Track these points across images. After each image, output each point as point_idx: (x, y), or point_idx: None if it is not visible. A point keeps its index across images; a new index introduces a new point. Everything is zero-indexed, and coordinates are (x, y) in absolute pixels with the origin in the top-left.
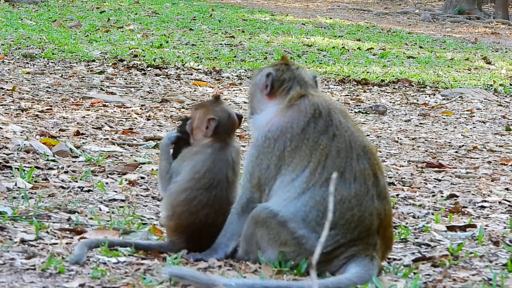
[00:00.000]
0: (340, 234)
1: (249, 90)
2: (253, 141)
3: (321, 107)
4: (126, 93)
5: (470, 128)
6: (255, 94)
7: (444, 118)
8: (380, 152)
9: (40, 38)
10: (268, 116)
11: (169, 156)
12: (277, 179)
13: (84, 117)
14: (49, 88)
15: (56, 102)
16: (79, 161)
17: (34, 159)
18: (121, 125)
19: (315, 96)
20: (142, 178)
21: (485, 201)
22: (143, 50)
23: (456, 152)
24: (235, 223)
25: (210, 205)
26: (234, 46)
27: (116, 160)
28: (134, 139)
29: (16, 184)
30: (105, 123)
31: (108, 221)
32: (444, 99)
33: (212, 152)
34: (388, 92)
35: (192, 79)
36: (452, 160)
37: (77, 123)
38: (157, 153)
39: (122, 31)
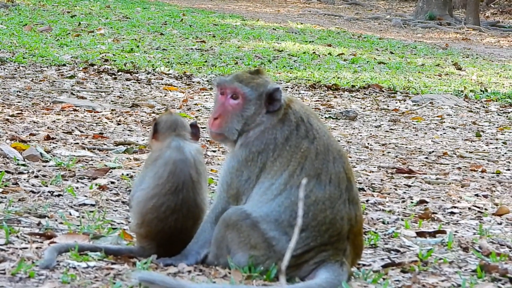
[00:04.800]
0: (311, 237)
1: (245, 102)
2: (234, 152)
3: (303, 115)
4: (96, 97)
5: (440, 134)
6: (253, 108)
7: (414, 124)
8: (351, 157)
9: (11, 42)
10: (261, 128)
11: None
12: (255, 186)
13: (54, 121)
14: (20, 92)
15: (27, 107)
16: (49, 166)
17: (4, 163)
18: (91, 130)
19: (295, 103)
20: (112, 183)
21: (455, 207)
22: (113, 55)
23: (426, 158)
24: (207, 232)
25: (179, 210)
26: (205, 51)
27: (86, 164)
28: (105, 144)
29: None
30: (75, 127)
31: (78, 225)
32: (414, 105)
33: (170, 154)
34: (359, 98)
35: (162, 84)
36: (422, 166)
37: (48, 128)
38: (127, 158)
39: (93, 36)
